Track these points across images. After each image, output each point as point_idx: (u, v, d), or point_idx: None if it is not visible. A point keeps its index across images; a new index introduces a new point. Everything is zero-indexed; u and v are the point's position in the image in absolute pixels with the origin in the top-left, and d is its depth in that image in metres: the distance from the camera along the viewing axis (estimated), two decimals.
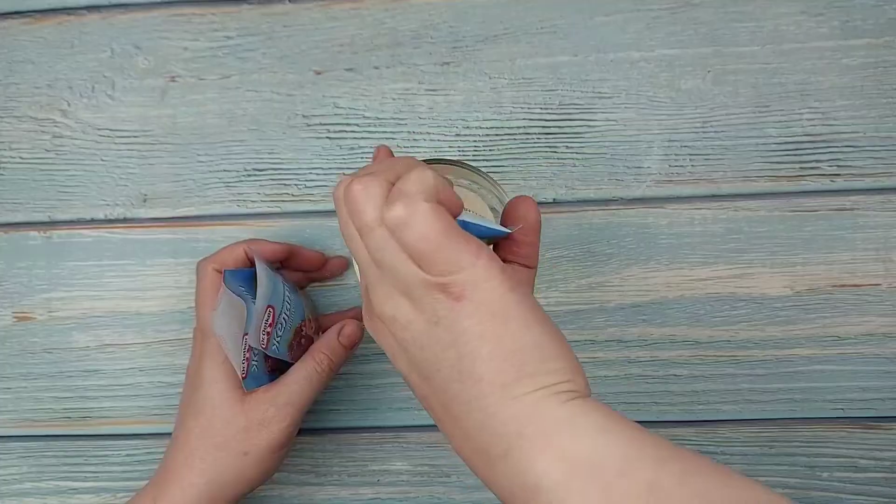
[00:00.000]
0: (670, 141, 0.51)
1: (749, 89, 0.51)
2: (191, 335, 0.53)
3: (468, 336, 0.33)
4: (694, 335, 0.52)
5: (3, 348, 0.54)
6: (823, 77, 0.51)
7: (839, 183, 0.51)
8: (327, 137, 0.53)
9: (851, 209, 0.51)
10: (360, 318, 0.45)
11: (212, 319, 0.44)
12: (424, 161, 0.48)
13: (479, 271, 0.33)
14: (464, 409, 0.34)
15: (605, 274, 0.52)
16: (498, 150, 0.52)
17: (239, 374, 0.43)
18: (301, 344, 0.47)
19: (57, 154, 0.53)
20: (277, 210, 0.53)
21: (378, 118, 0.52)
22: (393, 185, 0.34)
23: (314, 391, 0.46)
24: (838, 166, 0.51)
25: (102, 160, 0.53)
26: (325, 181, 0.53)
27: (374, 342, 0.38)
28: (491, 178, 0.47)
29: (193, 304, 0.53)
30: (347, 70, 0.52)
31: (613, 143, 0.52)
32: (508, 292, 0.33)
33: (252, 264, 0.46)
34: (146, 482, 0.46)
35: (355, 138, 0.52)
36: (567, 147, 0.52)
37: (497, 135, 0.52)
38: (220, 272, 0.46)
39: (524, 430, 0.32)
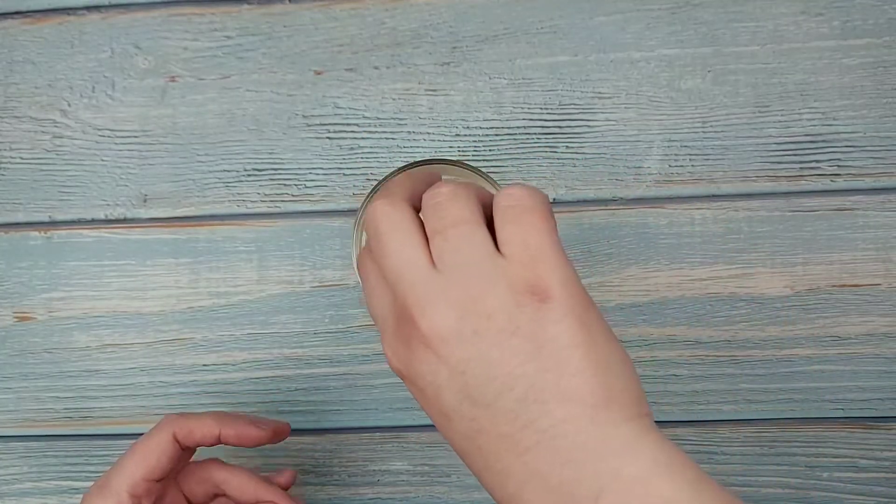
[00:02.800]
0: (670, 141, 0.51)
1: (749, 89, 0.51)
2: (191, 335, 0.53)
3: (556, 345, 0.29)
4: (694, 335, 0.52)
5: (4, 348, 0.54)
6: (823, 77, 0.51)
7: (839, 183, 0.51)
8: (327, 137, 0.53)
9: (851, 209, 0.51)
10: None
11: None
12: (424, 161, 0.48)
13: (569, 269, 0.30)
14: (539, 437, 0.28)
15: (604, 274, 0.52)
16: (498, 150, 0.52)
17: None
18: None
19: (57, 154, 0.53)
20: (277, 210, 0.53)
21: (378, 118, 0.52)
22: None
23: None
24: (838, 166, 0.51)
25: (102, 160, 0.53)
26: (324, 181, 0.53)
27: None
28: (491, 179, 0.47)
29: (193, 304, 0.53)
30: (347, 70, 0.52)
31: (613, 143, 0.52)
32: (587, 293, 0.30)
33: (183, 449, 0.41)
34: None
35: (355, 138, 0.52)
36: (567, 147, 0.52)
37: (497, 135, 0.52)
38: (181, 445, 0.41)
39: (623, 471, 0.28)
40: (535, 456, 0.28)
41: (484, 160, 0.52)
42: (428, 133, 0.52)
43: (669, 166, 0.51)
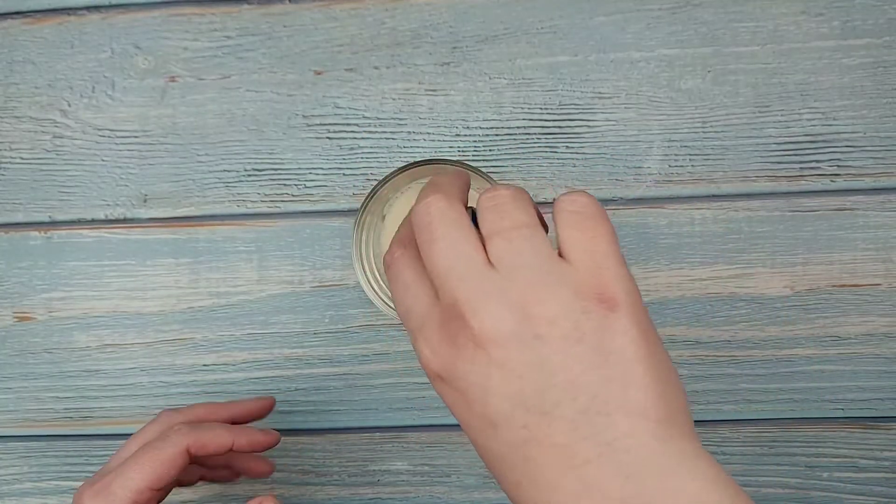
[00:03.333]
0: (670, 141, 0.51)
1: (749, 89, 0.51)
2: (191, 335, 0.53)
3: (622, 357, 0.28)
4: (694, 335, 0.52)
5: (4, 348, 0.54)
6: (823, 77, 0.51)
7: (839, 183, 0.51)
8: (327, 137, 0.53)
9: (851, 209, 0.51)
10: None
11: None
12: (425, 161, 0.48)
13: (633, 280, 0.29)
14: (601, 450, 0.27)
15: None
16: (498, 150, 0.52)
17: None
18: None
19: (57, 154, 0.53)
20: (277, 210, 0.53)
21: (378, 118, 0.52)
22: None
23: None
24: (838, 166, 0.51)
25: (103, 160, 0.53)
26: (324, 181, 0.53)
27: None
28: (491, 179, 0.47)
29: (193, 305, 0.53)
30: (347, 70, 0.52)
31: (613, 143, 0.52)
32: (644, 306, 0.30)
33: (192, 460, 0.41)
34: None
35: (355, 138, 0.52)
36: (567, 147, 0.52)
37: (497, 135, 0.52)
38: (191, 456, 0.41)
39: (685, 488, 0.27)
40: (596, 469, 0.27)
41: (484, 160, 0.52)
42: (428, 133, 0.52)
43: (669, 166, 0.51)
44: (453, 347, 0.29)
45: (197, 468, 0.46)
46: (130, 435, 0.53)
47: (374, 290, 0.48)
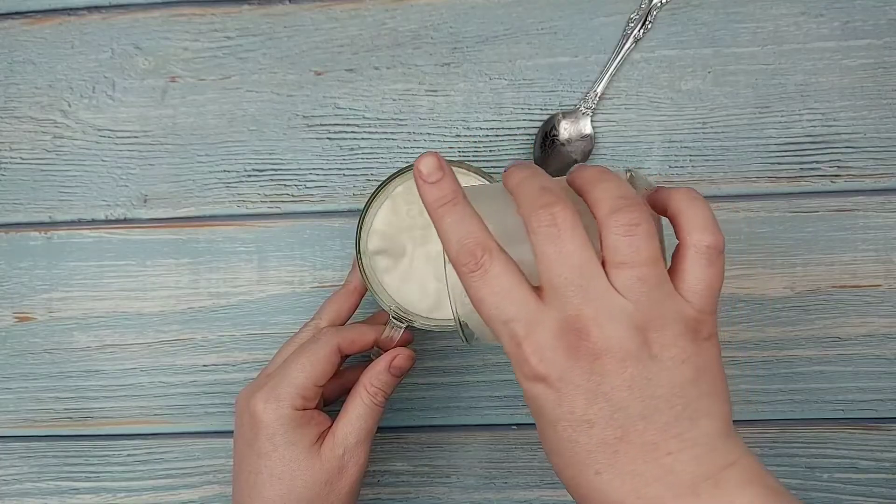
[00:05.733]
0: (670, 142, 0.51)
1: (749, 90, 0.51)
2: (191, 335, 0.53)
3: (710, 376, 0.34)
4: None
5: (4, 348, 0.54)
6: (824, 78, 0.51)
7: (839, 184, 0.51)
8: (327, 138, 0.53)
9: (852, 210, 0.51)
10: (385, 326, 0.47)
11: None
12: None
13: (715, 316, 0.35)
14: (683, 445, 0.33)
15: None
16: (498, 150, 0.52)
17: None
18: None
19: (57, 154, 0.53)
20: (277, 210, 0.53)
21: (378, 119, 0.52)
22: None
23: (376, 424, 0.45)
24: (838, 167, 0.51)
25: (103, 161, 0.53)
26: (324, 182, 0.53)
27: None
28: (492, 179, 0.47)
29: (194, 305, 0.53)
30: (348, 71, 0.52)
31: (613, 143, 0.52)
32: None
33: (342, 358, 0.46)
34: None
35: (355, 139, 0.52)
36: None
37: (497, 135, 0.52)
38: (342, 354, 0.45)
39: (735, 464, 0.34)
40: (675, 459, 0.33)
41: (484, 160, 0.52)
42: (428, 133, 0.52)
43: (669, 167, 0.51)
44: (570, 357, 0.33)
45: (338, 382, 0.49)
46: (130, 435, 0.54)
47: (376, 292, 0.48)
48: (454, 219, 0.36)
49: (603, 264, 0.34)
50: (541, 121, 0.52)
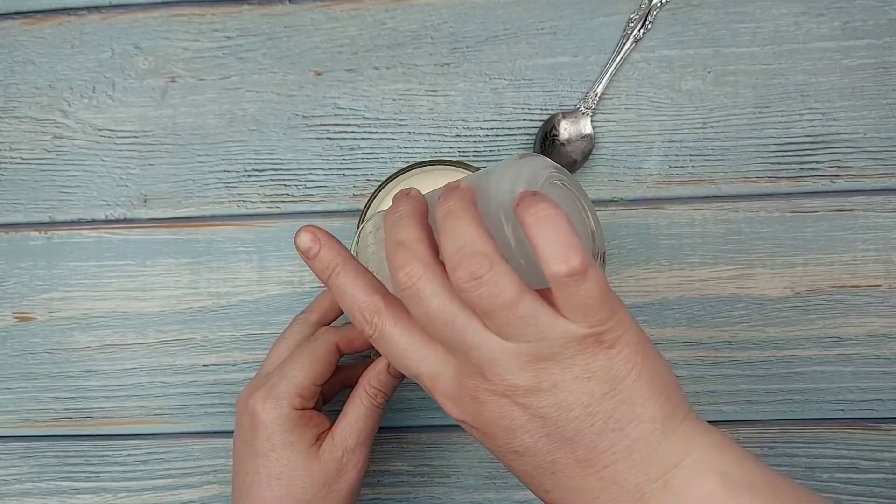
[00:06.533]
0: (670, 142, 0.51)
1: (749, 90, 0.51)
2: (191, 335, 0.53)
3: (626, 382, 0.33)
4: (694, 336, 0.52)
5: (4, 349, 0.54)
6: (824, 78, 0.51)
7: (839, 184, 0.51)
8: (327, 138, 0.53)
9: (851, 210, 0.51)
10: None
11: None
12: (425, 162, 0.48)
13: (625, 312, 0.34)
14: (617, 456, 0.33)
15: (605, 274, 0.52)
16: (498, 150, 0.52)
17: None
18: None
19: (57, 154, 0.53)
20: (277, 210, 0.53)
21: (378, 119, 0.52)
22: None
23: (375, 425, 0.45)
24: (838, 167, 0.51)
25: (103, 160, 0.53)
26: (324, 182, 0.53)
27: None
28: None
29: (194, 305, 0.53)
30: (348, 71, 0.52)
31: (613, 143, 0.52)
32: (631, 316, 0.34)
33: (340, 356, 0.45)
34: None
35: (355, 139, 0.52)
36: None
37: (497, 135, 0.52)
38: (340, 353, 0.45)
39: (684, 460, 0.33)
40: (613, 471, 0.33)
41: (484, 161, 0.52)
42: (428, 133, 0.52)
43: (670, 167, 0.51)
44: (475, 401, 0.34)
45: (337, 380, 0.48)
46: (130, 435, 0.54)
47: None
48: (341, 287, 0.37)
49: None
50: (541, 121, 0.52)
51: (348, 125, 0.52)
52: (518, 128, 0.52)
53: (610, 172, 0.52)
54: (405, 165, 0.48)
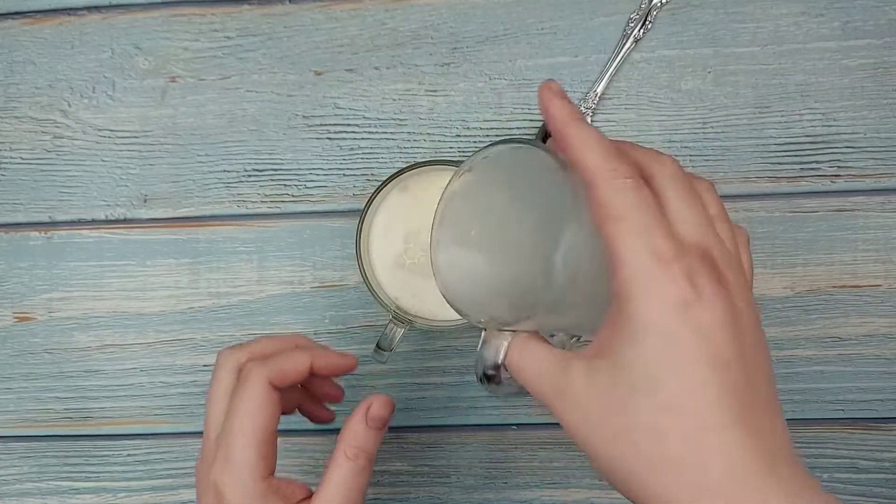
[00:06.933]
0: (670, 142, 0.51)
1: (749, 90, 0.51)
2: (191, 335, 0.53)
3: None
4: None
5: (4, 348, 0.54)
6: (824, 78, 0.51)
7: (839, 184, 0.51)
8: (327, 138, 0.53)
9: (852, 210, 0.51)
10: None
11: None
12: (425, 162, 0.48)
13: None
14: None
15: None
16: None
17: None
18: None
19: (57, 154, 0.53)
20: (277, 210, 0.53)
21: (378, 119, 0.52)
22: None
23: (365, 486, 0.39)
24: (838, 167, 0.51)
25: (103, 161, 0.53)
26: (324, 182, 0.53)
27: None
28: None
29: (194, 305, 0.53)
30: (348, 71, 0.52)
31: None
32: None
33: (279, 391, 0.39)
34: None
35: (355, 139, 0.52)
36: None
37: (497, 135, 0.52)
38: (277, 388, 0.39)
39: None
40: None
41: None
42: (428, 133, 0.52)
43: None
44: (714, 282, 0.30)
45: (292, 393, 0.44)
46: (130, 435, 0.54)
47: (376, 293, 0.48)
48: (587, 129, 0.32)
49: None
50: (541, 121, 0.52)
51: (348, 125, 0.52)
52: (518, 128, 0.52)
53: None
54: (405, 165, 0.48)
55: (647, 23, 0.51)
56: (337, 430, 0.53)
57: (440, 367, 0.53)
